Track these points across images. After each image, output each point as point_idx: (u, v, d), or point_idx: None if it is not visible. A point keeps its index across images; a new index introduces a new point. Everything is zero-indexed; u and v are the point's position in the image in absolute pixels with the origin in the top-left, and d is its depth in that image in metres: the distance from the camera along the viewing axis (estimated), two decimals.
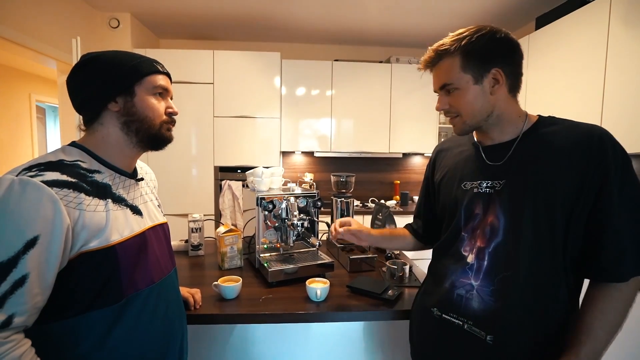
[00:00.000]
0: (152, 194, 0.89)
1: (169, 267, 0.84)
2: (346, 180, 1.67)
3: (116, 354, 0.69)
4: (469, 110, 0.77)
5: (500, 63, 0.74)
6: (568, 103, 2.20)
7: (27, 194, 0.58)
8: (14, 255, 0.56)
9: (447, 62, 0.76)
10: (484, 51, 0.73)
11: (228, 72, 3.02)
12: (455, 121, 0.81)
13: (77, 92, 0.73)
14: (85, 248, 0.64)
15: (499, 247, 0.74)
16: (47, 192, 0.59)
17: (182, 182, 3.05)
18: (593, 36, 2.02)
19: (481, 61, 0.74)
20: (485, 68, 0.74)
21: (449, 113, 0.81)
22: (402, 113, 3.35)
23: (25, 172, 0.60)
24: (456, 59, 0.75)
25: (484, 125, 0.79)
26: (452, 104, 0.79)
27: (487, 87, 0.75)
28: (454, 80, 0.76)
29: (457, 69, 0.75)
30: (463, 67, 0.74)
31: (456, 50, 0.74)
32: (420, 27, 3.16)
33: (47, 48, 2.33)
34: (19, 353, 0.56)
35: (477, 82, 0.75)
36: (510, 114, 0.78)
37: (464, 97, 0.76)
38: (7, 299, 0.55)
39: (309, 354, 1.32)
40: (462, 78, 0.75)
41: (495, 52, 0.74)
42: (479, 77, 0.74)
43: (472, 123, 0.78)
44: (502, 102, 0.77)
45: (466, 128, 0.80)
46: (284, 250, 1.40)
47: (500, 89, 0.75)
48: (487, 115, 0.77)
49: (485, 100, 0.76)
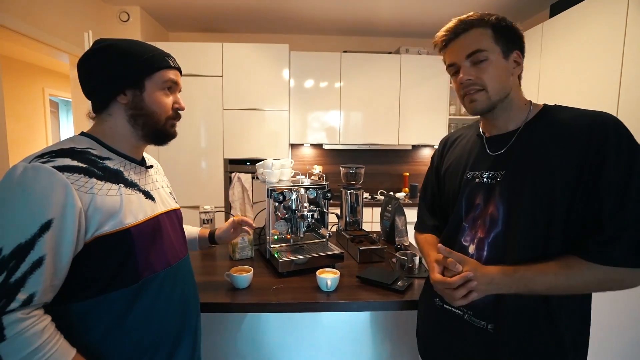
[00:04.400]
0: (163, 181, 0.90)
1: (183, 252, 0.85)
2: (356, 171, 1.66)
3: (134, 334, 0.70)
4: (496, 84, 0.73)
5: (519, 47, 0.75)
6: (583, 93, 2.14)
7: (40, 179, 0.60)
8: (31, 237, 0.58)
9: (477, 31, 0.73)
10: (511, 31, 0.74)
11: (237, 65, 3.01)
12: (479, 95, 0.74)
13: (88, 78, 0.74)
14: (100, 232, 0.65)
15: (498, 237, 0.73)
16: (58, 177, 0.61)
17: (193, 175, 3.08)
18: (610, 23, 1.94)
19: (509, 38, 0.74)
20: (511, 47, 0.74)
21: (473, 86, 0.74)
22: (411, 104, 3.31)
23: (38, 159, 0.62)
24: (487, 30, 0.73)
25: (498, 107, 0.76)
26: (480, 75, 0.73)
27: (511, 66, 0.74)
28: (486, 47, 0.72)
29: (489, 39, 0.72)
30: (495, 39, 0.72)
31: (487, 22, 0.73)
32: (430, 16, 3.09)
33: (60, 42, 2.35)
34: (41, 327, 0.59)
35: (505, 57, 0.74)
36: (518, 100, 0.78)
37: (493, 70, 0.72)
38: (28, 278, 0.58)
39: (318, 342, 1.33)
40: (494, 49, 0.72)
41: (517, 35, 0.75)
42: (507, 53, 0.74)
43: (494, 99, 0.74)
44: (515, 87, 0.77)
45: (488, 104, 0.75)
46: (294, 241, 1.41)
47: (517, 72, 0.76)
48: (505, 95, 0.75)
49: (509, 78, 0.75)
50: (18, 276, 0.57)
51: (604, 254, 0.64)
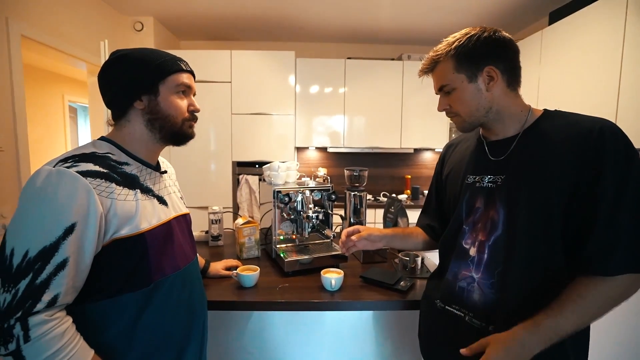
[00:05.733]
0: (175, 186, 0.91)
1: (191, 255, 0.85)
2: (359, 174, 1.66)
3: (146, 334, 0.71)
4: (466, 108, 0.77)
5: (492, 60, 0.73)
6: (582, 99, 2.11)
7: (64, 184, 0.60)
8: (55, 240, 0.58)
9: (441, 67, 0.78)
10: (474, 51, 0.73)
11: (245, 71, 3.03)
12: (456, 120, 0.81)
13: (106, 88, 0.75)
14: (117, 235, 0.65)
15: (498, 240, 0.73)
16: (82, 182, 0.61)
17: (202, 176, 3.10)
18: (608, 30, 1.92)
19: (472, 61, 0.74)
20: (477, 67, 0.74)
21: (449, 113, 0.82)
22: (413, 109, 3.30)
23: (62, 164, 0.62)
24: (449, 63, 0.76)
25: (485, 121, 0.78)
26: (450, 104, 0.79)
27: (482, 84, 0.75)
28: (449, 81, 0.77)
29: (451, 71, 0.76)
30: (456, 68, 0.75)
31: (448, 54, 0.76)
32: (431, 24, 3.09)
33: (78, 51, 2.39)
34: (63, 329, 0.59)
35: (471, 81, 0.75)
36: (510, 108, 0.77)
37: (460, 97, 0.77)
38: (52, 280, 0.58)
39: (323, 341, 1.33)
40: (456, 78, 0.76)
41: (485, 51, 0.73)
42: (472, 76, 0.74)
43: (471, 120, 0.78)
44: (501, 98, 0.76)
45: (466, 126, 0.80)
46: (300, 241, 1.40)
47: (497, 85, 0.74)
48: (486, 111, 0.76)
49: (482, 97, 0.75)
50: (43, 278, 0.57)
51: (603, 263, 0.63)
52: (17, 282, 0.56)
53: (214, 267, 1.20)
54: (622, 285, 0.63)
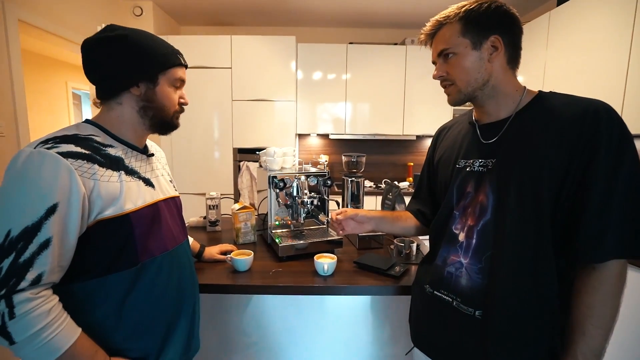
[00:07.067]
0: (164, 169, 0.89)
1: (181, 237, 0.84)
2: (357, 160, 1.62)
3: (134, 315, 0.70)
4: (465, 76, 0.72)
5: (499, 31, 0.70)
6: (589, 82, 2.03)
7: (45, 165, 0.59)
8: (38, 220, 0.58)
9: (447, 30, 0.73)
10: (485, 17, 0.70)
11: (245, 57, 2.96)
12: (450, 90, 0.76)
13: (99, 64, 0.71)
14: (101, 216, 0.65)
15: (487, 225, 0.70)
16: (63, 162, 0.60)
17: (204, 163, 3.08)
18: (618, 12, 1.82)
19: (481, 27, 0.70)
20: (484, 34, 0.70)
21: (445, 81, 0.76)
22: (416, 95, 3.22)
23: (42, 145, 0.61)
24: (456, 26, 0.71)
25: (480, 95, 0.74)
26: (449, 70, 0.74)
27: (485, 53, 0.70)
28: (452, 44, 0.72)
29: (456, 35, 0.71)
30: (462, 32, 0.71)
31: (456, 17, 0.71)
32: (435, 7, 2.97)
33: (78, 36, 2.34)
34: (49, 307, 0.59)
35: (475, 48, 0.70)
36: (506, 86, 0.73)
37: (461, 63, 0.72)
38: (36, 259, 0.58)
39: (320, 325, 1.32)
40: (460, 43, 0.71)
41: (495, 19, 0.70)
42: (477, 42, 0.70)
43: (466, 91, 0.73)
44: (500, 73, 0.72)
45: (460, 97, 0.75)
46: (295, 227, 1.39)
47: (498, 57, 0.71)
48: (483, 83, 0.72)
49: (482, 67, 0.71)
50: (27, 257, 0.57)
51: (592, 251, 0.61)
52: (1, 261, 0.56)
53: (208, 251, 1.20)
54: (616, 275, 0.62)
